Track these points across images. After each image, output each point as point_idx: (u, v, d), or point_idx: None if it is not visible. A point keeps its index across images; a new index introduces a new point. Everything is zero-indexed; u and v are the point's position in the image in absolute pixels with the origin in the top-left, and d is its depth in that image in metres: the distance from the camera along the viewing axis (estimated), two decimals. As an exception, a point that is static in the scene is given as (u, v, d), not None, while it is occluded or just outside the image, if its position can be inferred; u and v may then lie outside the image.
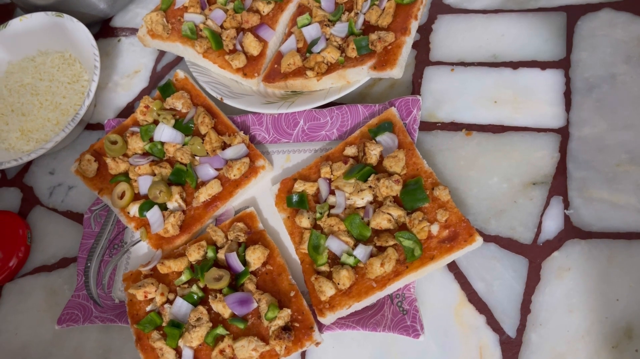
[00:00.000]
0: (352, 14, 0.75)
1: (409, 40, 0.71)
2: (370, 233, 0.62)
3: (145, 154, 0.75)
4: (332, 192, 0.66)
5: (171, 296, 0.66)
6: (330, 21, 0.76)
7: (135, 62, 0.91)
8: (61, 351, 0.72)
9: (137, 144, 0.75)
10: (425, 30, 0.78)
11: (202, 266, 0.65)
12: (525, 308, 0.59)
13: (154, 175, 0.72)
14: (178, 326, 0.62)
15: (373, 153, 0.66)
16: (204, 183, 0.71)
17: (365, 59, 0.70)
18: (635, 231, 0.59)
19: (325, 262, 0.62)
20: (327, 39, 0.74)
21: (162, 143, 0.74)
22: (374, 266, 0.59)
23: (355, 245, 0.62)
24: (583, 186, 0.63)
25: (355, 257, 0.61)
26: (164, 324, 0.64)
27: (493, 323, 0.59)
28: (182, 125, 0.75)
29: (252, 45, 0.77)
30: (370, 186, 0.65)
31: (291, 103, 0.73)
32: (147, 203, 0.71)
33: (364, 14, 0.74)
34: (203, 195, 0.70)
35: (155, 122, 0.76)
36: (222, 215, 0.72)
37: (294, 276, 0.65)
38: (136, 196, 0.72)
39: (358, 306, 0.61)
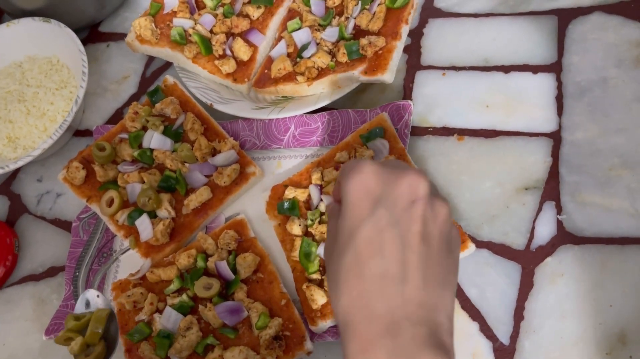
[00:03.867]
0: (343, 18, 0.75)
1: (400, 44, 0.70)
2: (362, 240, 0.62)
3: (134, 161, 0.74)
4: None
5: (161, 306, 0.65)
6: (321, 25, 0.76)
7: (124, 67, 0.90)
8: (50, 361, 0.71)
9: (125, 151, 0.74)
10: (416, 35, 0.77)
11: (192, 274, 0.64)
12: (519, 314, 0.59)
13: (143, 182, 0.72)
14: (167, 336, 0.61)
15: (364, 159, 0.65)
16: (193, 190, 0.71)
17: (356, 63, 0.70)
18: (628, 236, 0.59)
19: (316, 270, 0.62)
20: (317, 44, 0.73)
21: (151, 150, 0.73)
22: (366, 273, 0.59)
23: (347, 252, 0.62)
24: (575, 191, 0.62)
25: (346, 264, 0.60)
26: (153, 334, 0.63)
27: (486, 330, 0.59)
28: (172, 131, 0.74)
29: (242, 50, 0.76)
30: (361, 193, 0.64)
31: (282, 108, 0.73)
32: (136, 210, 0.70)
33: (355, 18, 0.73)
34: (193, 202, 0.69)
35: (144, 129, 0.75)
36: (212, 223, 0.71)
37: (285, 284, 0.64)
38: (125, 204, 0.72)
39: (350, 314, 0.60)
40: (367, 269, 0.41)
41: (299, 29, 0.76)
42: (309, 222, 0.64)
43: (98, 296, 0.62)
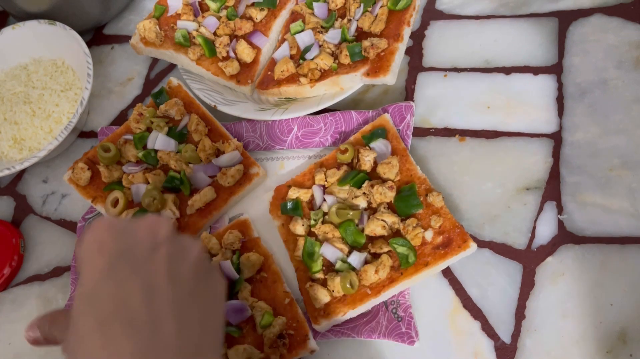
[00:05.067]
0: (345, 20, 0.76)
1: (402, 46, 0.71)
2: (365, 240, 0.62)
3: (138, 162, 0.75)
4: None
5: (165, 305, 0.65)
6: (324, 28, 0.76)
7: (128, 69, 0.91)
8: (55, 360, 0.72)
9: (130, 152, 0.74)
10: (418, 37, 0.78)
11: (196, 274, 0.65)
12: (520, 313, 0.59)
13: (148, 182, 0.72)
14: (172, 335, 0.62)
15: (367, 160, 0.66)
16: (197, 191, 0.71)
17: (359, 65, 0.71)
18: (628, 236, 0.59)
19: (319, 269, 0.62)
20: (320, 46, 0.74)
21: (156, 151, 0.74)
22: (369, 273, 0.59)
23: (350, 252, 0.62)
24: (576, 191, 0.63)
25: (349, 264, 0.61)
26: (158, 333, 0.63)
27: (488, 329, 0.59)
28: (176, 132, 0.75)
29: (245, 52, 0.77)
30: (364, 193, 0.65)
31: (285, 110, 0.73)
32: (140, 211, 0.70)
33: (357, 20, 0.74)
34: (197, 202, 0.70)
35: (149, 130, 0.76)
36: (216, 223, 0.72)
37: (288, 283, 0.64)
38: (130, 204, 0.72)
39: (353, 313, 0.60)
40: (114, 324, 0.36)
41: (302, 31, 0.76)
42: (312, 222, 0.65)
43: None
